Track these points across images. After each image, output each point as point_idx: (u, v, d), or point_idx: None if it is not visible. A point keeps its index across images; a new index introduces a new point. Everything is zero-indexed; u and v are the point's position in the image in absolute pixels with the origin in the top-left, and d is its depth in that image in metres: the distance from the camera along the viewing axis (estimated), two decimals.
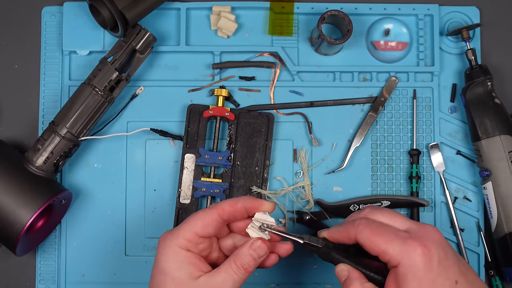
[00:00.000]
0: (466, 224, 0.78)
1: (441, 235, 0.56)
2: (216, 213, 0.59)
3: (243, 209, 0.61)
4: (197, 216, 0.59)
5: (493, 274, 0.77)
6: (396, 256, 0.54)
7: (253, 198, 0.61)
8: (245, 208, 0.61)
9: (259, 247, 0.59)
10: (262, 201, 0.61)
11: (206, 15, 0.80)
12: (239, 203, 0.60)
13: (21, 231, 0.69)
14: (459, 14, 0.81)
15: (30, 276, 0.78)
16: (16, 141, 0.80)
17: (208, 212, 0.60)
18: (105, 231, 0.78)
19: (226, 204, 0.60)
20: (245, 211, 0.61)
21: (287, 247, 0.62)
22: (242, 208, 0.60)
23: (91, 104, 0.73)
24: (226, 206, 0.60)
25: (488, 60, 0.81)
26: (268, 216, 0.61)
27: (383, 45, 0.80)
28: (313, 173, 0.79)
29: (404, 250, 0.53)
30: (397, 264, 0.54)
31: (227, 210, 0.60)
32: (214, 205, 0.60)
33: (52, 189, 0.71)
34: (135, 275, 0.78)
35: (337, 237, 0.60)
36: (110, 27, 0.74)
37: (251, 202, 0.61)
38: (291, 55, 0.80)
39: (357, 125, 0.79)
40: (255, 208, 0.61)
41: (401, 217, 0.58)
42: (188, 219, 0.60)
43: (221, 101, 0.77)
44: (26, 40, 0.81)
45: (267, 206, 0.61)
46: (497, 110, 0.75)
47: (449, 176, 0.79)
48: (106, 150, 0.79)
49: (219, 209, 0.60)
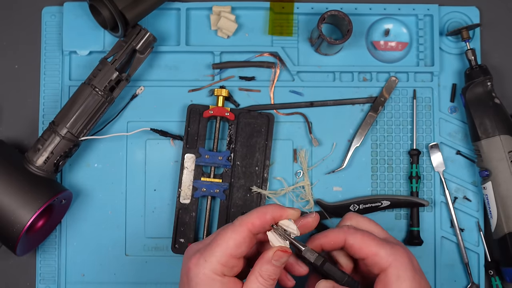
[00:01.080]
0: (466, 224, 0.79)
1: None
2: (246, 230, 0.56)
3: (272, 219, 0.57)
4: (227, 236, 0.55)
5: (493, 274, 0.77)
6: (387, 258, 0.56)
7: (279, 207, 0.57)
8: (273, 218, 0.57)
9: (280, 257, 0.56)
10: (288, 209, 0.58)
11: (206, 15, 0.80)
12: (267, 214, 0.56)
13: (21, 231, 0.69)
14: (459, 14, 0.81)
15: (30, 276, 0.78)
16: (16, 141, 0.80)
17: (238, 230, 0.55)
18: (105, 231, 0.78)
19: (255, 217, 0.56)
20: (273, 220, 0.57)
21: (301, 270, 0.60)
22: (271, 219, 0.57)
23: (91, 104, 0.73)
24: (256, 220, 0.56)
25: (488, 60, 0.81)
26: (291, 223, 0.57)
27: (383, 45, 0.80)
28: (313, 173, 0.79)
29: (394, 253, 0.56)
30: (388, 265, 0.56)
31: (257, 225, 0.56)
32: (242, 221, 0.56)
33: (52, 189, 0.72)
34: (135, 275, 0.78)
35: (324, 242, 0.60)
36: (110, 27, 0.74)
37: (278, 211, 0.57)
38: (291, 55, 0.80)
39: (357, 125, 0.79)
40: (283, 216, 0.57)
41: (379, 227, 0.61)
42: (217, 239, 0.56)
43: (221, 101, 0.77)
44: (26, 40, 0.81)
45: (294, 214, 0.58)
46: (497, 110, 0.75)
47: (449, 176, 0.79)
48: (106, 150, 0.79)
49: (248, 225, 0.56)
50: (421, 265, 0.77)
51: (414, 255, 0.77)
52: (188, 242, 0.76)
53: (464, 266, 0.78)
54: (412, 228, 0.78)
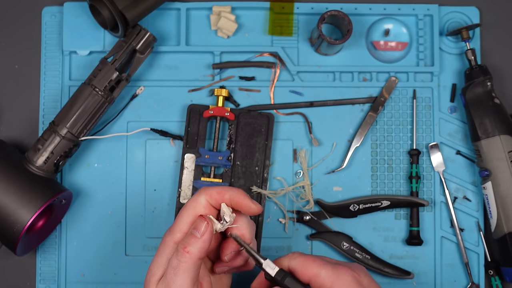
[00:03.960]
0: (466, 224, 0.79)
1: (365, 269, 0.58)
2: (204, 199, 0.57)
3: (229, 201, 0.57)
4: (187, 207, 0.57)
5: (493, 274, 0.77)
6: (329, 278, 0.55)
7: (243, 195, 0.57)
8: (230, 201, 0.57)
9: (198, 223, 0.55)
10: (249, 203, 0.57)
11: (206, 15, 0.80)
12: (227, 193, 0.57)
13: (21, 231, 0.69)
14: (459, 14, 0.81)
15: (30, 276, 0.78)
16: (16, 141, 0.80)
17: (196, 199, 0.57)
18: (105, 231, 0.78)
19: (214, 190, 0.57)
20: (230, 203, 0.57)
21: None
22: (228, 200, 0.57)
23: (91, 104, 0.73)
24: (214, 192, 0.57)
25: (488, 60, 0.81)
26: (229, 210, 0.57)
27: (383, 45, 0.80)
28: (313, 173, 0.79)
29: (336, 273, 0.55)
30: (330, 285, 0.55)
31: (215, 197, 0.57)
32: (203, 189, 0.57)
33: (52, 189, 0.72)
34: (135, 275, 0.78)
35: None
36: (110, 27, 0.74)
37: (238, 198, 0.57)
38: (291, 55, 0.80)
39: (357, 125, 0.79)
40: (241, 205, 0.57)
41: (328, 258, 0.60)
42: (181, 209, 0.58)
43: (221, 101, 0.77)
44: (26, 40, 0.81)
45: (254, 207, 0.57)
46: (497, 110, 0.75)
47: (449, 176, 0.79)
48: (106, 150, 0.79)
49: (207, 194, 0.57)
50: (421, 265, 0.78)
51: (414, 255, 0.78)
52: None
53: (464, 266, 0.78)
54: (412, 228, 0.78)
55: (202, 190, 0.58)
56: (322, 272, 0.56)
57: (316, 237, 0.77)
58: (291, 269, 0.57)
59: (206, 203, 0.57)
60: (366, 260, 0.76)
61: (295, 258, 0.58)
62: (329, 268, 0.56)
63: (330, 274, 0.55)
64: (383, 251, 0.78)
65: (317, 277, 0.56)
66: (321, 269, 0.56)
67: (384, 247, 0.78)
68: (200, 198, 0.57)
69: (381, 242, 0.78)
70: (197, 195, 0.58)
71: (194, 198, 0.58)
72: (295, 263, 0.57)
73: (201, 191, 0.58)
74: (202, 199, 0.57)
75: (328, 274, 0.55)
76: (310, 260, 0.57)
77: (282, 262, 0.58)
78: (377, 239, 0.78)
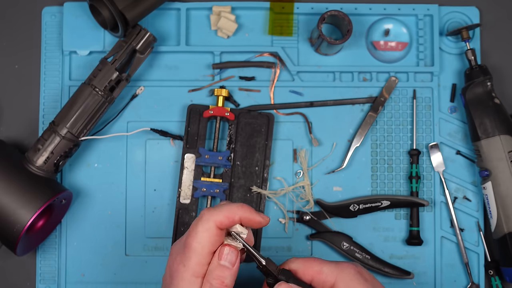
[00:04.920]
0: (466, 224, 0.79)
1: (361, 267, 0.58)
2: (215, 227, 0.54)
3: (239, 221, 0.56)
4: (199, 236, 0.54)
5: (493, 274, 0.77)
6: (332, 273, 0.55)
7: (249, 210, 0.56)
8: (240, 221, 0.56)
9: (228, 254, 0.54)
10: (257, 215, 0.56)
11: (206, 15, 0.80)
12: (236, 216, 0.55)
13: (21, 231, 0.69)
14: (459, 14, 0.81)
15: (30, 276, 0.78)
16: (16, 141, 0.80)
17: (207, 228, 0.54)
18: (105, 231, 0.78)
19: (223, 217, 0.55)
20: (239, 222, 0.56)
21: None
22: (239, 221, 0.56)
23: (91, 104, 0.73)
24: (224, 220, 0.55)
25: (488, 60, 0.81)
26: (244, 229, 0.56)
27: (383, 45, 0.80)
28: (313, 173, 0.79)
29: (339, 267, 0.55)
30: (334, 280, 0.55)
31: (225, 224, 0.55)
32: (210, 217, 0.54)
33: (52, 189, 0.72)
34: (135, 275, 0.78)
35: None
36: (110, 27, 0.75)
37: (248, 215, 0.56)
38: (291, 55, 0.80)
39: (357, 125, 0.79)
40: (251, 222, 0.56)
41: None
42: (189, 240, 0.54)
43: (221, 101, 0.77)
44: (26, 40, 0.81)
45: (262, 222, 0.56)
46: (497, 110, 0.75)
47: (449, 176, 0.79)
48: (106, 150, 0.79)
49: (216, 222, 0.54)
50: (421, 265, 0.78)
51: (414, 255, 0.78)
52: None
53: (464, 266, 0.78)
54: (412, 228, 0.78)
55: (207, 216, 0.55)
56: (325, 268, 0.56)
57: (316, 237, 0.77)
58: (293, 272, 0.57)
59: (216, 230, 0.54)
60: (366, 260, 0.76)
61: (294, 260, 0.58)
62: (332, 264, 0.56)
63: (333, 269, 0.55)
64: (383, 251, 0.78)
65: (320, 273, 0.56)
66: (323, 266, 0.56)
67: (384, 247, 0.78)
68: (209, 226, 0.54)
69: (381, 242, 0.78)
70: (205, 223, 0.54)
71: (203, 227, 0.54)
72: (296, 264, 0.57)
73: (208, 218, 0.55)
74: (211, 227, 0.54)
75: (331, 269, 0.55)
76: (310, 259, 0.57)
77: (283, 265, 0.58)
78: (377, 239, 0.78)
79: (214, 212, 0.55)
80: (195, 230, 0.55)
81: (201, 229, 0.54)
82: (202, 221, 0.55)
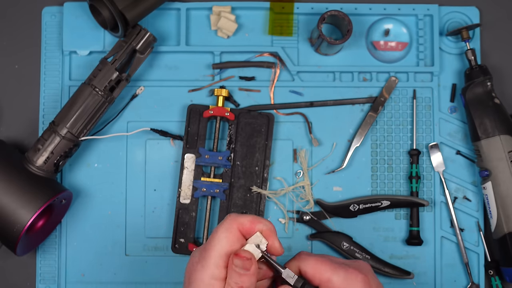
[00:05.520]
0: (466, 224, 0.79)
1: (370, 267, 0.58)
2: (237, 229, 0.55)
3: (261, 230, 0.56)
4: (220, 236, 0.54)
5: (493, 274, 0.77)
6: (340, 285, 0.55)
7: (274, 233, 0.56)
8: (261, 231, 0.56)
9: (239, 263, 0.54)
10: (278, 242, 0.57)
11: (206, 15, 0.80)
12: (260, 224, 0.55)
13: (21, 231, 0.69)
14: (459, 14, 0.81)
15: (30, 276, 0.78)
16: (16, 141, 0.80)
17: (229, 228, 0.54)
18: (105, 231, 0.78)
19: (247, 220, 0.55)
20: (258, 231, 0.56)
21: None
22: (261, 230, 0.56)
23: (91, 104, 0.73)
24: (247, 223, 0.55)
25: (488, 60, 0.81)
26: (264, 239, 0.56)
27: (383, 45, 0.80)
28: (313, 173, 0.79)
29: (348, 278, 0.55)
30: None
31: (246, 228, 0.55)
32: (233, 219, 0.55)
33: (52, 189, 0.72)
34: (135, 275, 0.78)
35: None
36: (110, 27, 0.74)
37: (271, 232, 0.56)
38: (291, 55, 0.80)
39: (357, 125, 0.79)
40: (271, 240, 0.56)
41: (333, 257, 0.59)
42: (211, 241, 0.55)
43: (221, 101, 0.77)
44: (26, 40, 0.81)
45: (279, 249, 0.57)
46: (497, 110, 0.75)
47: (449, 176, 0.79)
48: (106, 150, 0.79)
49: (238, 224, 0.55)
50: (421, 265, 0.78)
51: (414, 255, 0.78)
52: (188, 242, 0.76)
53: (464, 266, 0.78)
54: (412, 228, 0.78)
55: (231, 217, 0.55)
56: (334, 278, 0.55)
57: (316, 237, 0.77)
58: (302, 272, 0.57)
59: (237, 233, 0.55)
60: (366, 260, 0.76)
61: (304, 260, 0.57)
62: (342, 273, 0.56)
63: (342, 280, 0.55)
64: (383, 251, 0.78)
65: (328, 282, 0.55)
66: (333, 275, 0.55)
67: (384, 247, 0.78)
68: (231, 226, 0.55)
69: (381, 242, 0.78)
70: (227, 223, 0.55)
71: (225, 227, 0.55)
72: (305, 266, 0.57)
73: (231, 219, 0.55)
74: (233, 228, 0.55)
75: (339, 280, 0.55)
76: (319, 263, 0.56)
77: (292, 264, 0.58)
78: (377, 239, 0.78)
79: (239, 216, 0.56)
80: (217, 230, 0.55)
81: (222, 229, 0.55)
82: (225, 221, 0.55)
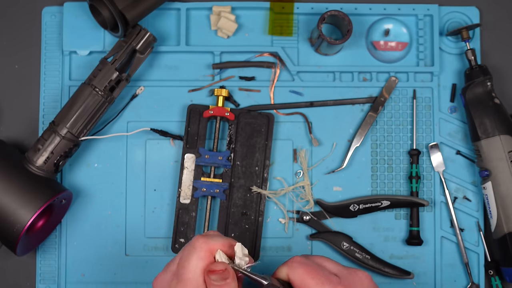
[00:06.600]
0: (466, 224, 0.79)
1: (370, 279, 0.56)
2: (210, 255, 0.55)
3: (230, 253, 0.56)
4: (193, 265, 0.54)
5: (493, 274, 0.77)
6: None
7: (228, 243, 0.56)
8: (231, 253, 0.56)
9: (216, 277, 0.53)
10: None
11: (206, 15, 0.80)
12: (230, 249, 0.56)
13: (21, 231, 0.69)
14: (459, 14, 0.81)
15: (30, 276, 0.78)
16: (16, 141, 0.80)
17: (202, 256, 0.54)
18: (105, 231, 0.78)
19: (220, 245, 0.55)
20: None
21: None
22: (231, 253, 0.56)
23: (91, 104, 0.73)
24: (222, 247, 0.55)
25: (488, 60, 0.81)
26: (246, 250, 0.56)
27: (383, 45, 0.80)
28: (313, 173, 0.79)
29: None
30: None
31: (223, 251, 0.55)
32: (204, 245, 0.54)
33: (52, 189, 0.72)
34: (135, 275, 0.78)
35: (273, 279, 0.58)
36: (110, 27, 0.75)
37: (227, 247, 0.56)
38: (291, 55, 0.80)
39: (357, 125, 0.79)
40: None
41: (332, 261, 0.58)
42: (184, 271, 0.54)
43: (221, 101, 0.77)
44: (26, 40, 0.81)
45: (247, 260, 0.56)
46: (497, 110, 0.75)
47: (449, 176, 0.79)
48: (106, 150, 0.79)
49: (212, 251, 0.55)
50: (421, 265, 0.78)
51: (414, 255, 0.78)
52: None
53: (464, 266, 0.78)
54: (412, 228, 0.78)
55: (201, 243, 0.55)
56: None
57: (316, 237, 0.77)
58: (291, 280, 0.56)
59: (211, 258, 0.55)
60: (366, 260, 0.76)
61: (294, 268, 0.56)
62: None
63: None
64: (383, 251, 0.78)
65: None
66: None
67: (384, 247, 0.78)
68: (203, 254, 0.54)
69: (381, 242, 0.78)
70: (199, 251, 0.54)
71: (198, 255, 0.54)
72: (293, 275, 0.56)
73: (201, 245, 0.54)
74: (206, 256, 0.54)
75: None
76: (307, 274, 0.55)
77: (281, 271, 0.57)
78: (377, 239, 0.78)
79: (209, 240, 0.54)
80: (188, 260, 0.54)
81: (195, 258, 0.54)
82: (194, 248, 0.54)
